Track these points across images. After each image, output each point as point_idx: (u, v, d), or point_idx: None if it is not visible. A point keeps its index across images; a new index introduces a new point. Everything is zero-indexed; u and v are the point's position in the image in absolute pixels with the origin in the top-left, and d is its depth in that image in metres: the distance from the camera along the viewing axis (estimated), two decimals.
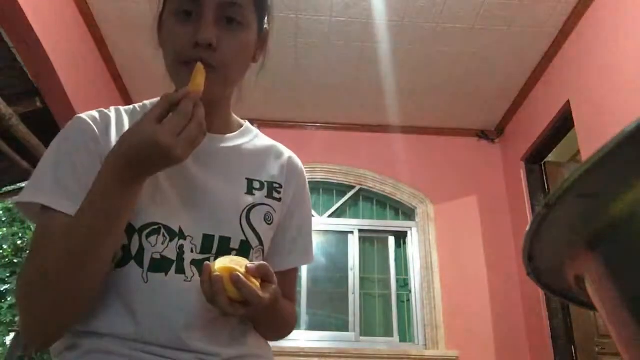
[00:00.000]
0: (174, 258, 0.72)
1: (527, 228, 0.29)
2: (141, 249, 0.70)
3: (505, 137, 4.22)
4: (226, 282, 0.63)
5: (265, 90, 3.76)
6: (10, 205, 10.16)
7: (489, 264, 3.85)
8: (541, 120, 3.56)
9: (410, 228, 4.05)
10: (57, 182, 0.68)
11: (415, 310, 3.74)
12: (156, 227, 0.72)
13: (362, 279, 3.89)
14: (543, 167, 3.80)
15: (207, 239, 0.75)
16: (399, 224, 4.11)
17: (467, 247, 3.91)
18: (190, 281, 0.72)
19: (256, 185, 0.84)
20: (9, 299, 9.52)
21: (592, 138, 2.95)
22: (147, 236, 0.71)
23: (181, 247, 0.73)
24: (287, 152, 0.92)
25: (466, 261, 3.86)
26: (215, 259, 0.74)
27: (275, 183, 0.86)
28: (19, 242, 10.12)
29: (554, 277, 0.33)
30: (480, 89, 3.80)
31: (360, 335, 3.68)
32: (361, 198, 4.18)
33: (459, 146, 4.28)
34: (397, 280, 3.92)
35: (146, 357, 0.67)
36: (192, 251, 0.74)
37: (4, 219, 10.39)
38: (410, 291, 3.85)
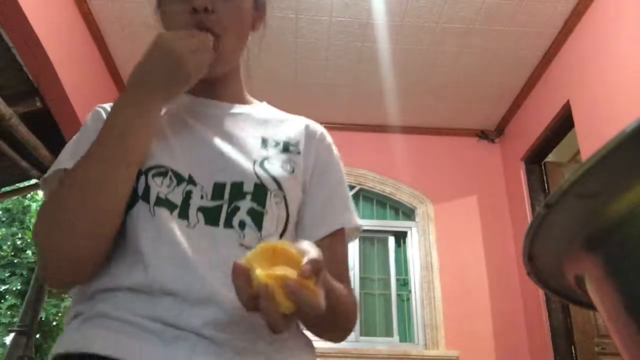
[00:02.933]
0: (178, 203, 0.68)
1: (527, 228, 0.29)
2: (147, 188, 0.67)
3: (505, 137, 4.22)
4: (277, 294, 0.50)
5: (265, 90, 3.76)
6: (10, 206, 10.16)
7: (489, 264, 3.85)
8: (541, 120, 3.56)
9: (410, 228, 4.05)
10: (77, 151, 0.69)
11: (415, 310, 3.74)
12: (163, 169, 0.69)
13: (362, 279, 3.89)
14: (543, 167, 3.80)
15: (218, 187, 0.70)
16: (398, 224, 4.11)
17: (467, 247, 3.91)
18: (193, 228, 0.67)
19: (272, 143, 0.79)
20: (8, 299, 9.51)
21: (592, 138, 2.95)
22: (153, 176, 0.68)
23: (189, 193, 0.69)
24: (306, 120, 0.87)
25: (466, 261, 3.86)
26: (229, 205, 0.69)
27: (293, 142, 0.80)
28: (18, 242, 10.12)
29: (554, 277, 0.33)
30: (480, 89, 3.80)
31: (360, 335, 3.68)
32: (361, 198, 4.18)
33: (459, 146, 4.28)
34: (397, 280, 3.92)
35: (149, 324, 0.60)
36: (201, 198, 0.69)
37: (3, 219, 10.39)
38: (410, 291, 3.85)
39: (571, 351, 3.26)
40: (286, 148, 0.79)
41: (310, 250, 0.54)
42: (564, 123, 3.33)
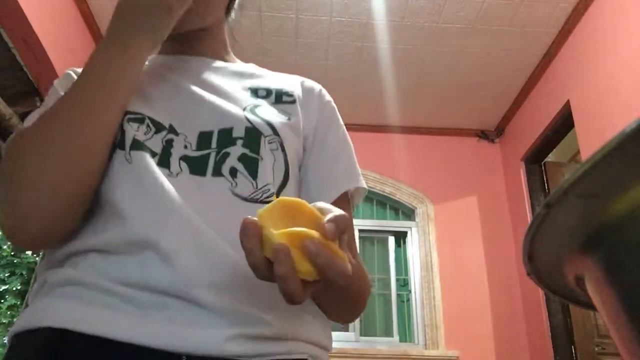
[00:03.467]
0: (158, 151, 0.59)
1: (527, 228, 0.29)
2: (122, 133, 0.59)
3: (505, 137, 4.22)
4: (295, 256, 0.41)
5: None
6: None
7: (489, 264, 3.85)
8: (541, 120, 3.56)
9: (410, 228, 4.05)
10: (45, 107, 0.61)
11: (415, 310, 3.74)
12: (139, 116, 0.61)
13: None
14: (543, 167, 3.80)
15: (204, 136, 0.61)
16: (398, 224, 4.11)
17: (467, 247, 3.91)
18: (175, 177, 0.57)
19: (262, 92, 0.70)
20: (8, 299, 9.51)
21: (592, 138, 2.95)
22: (128, 121, 0.60)
23: (169, 141, 0.60)
24: (301, 77, 0.78)
25: (466, 261, 3.86)
26: (218, 154, 0.60)
27: (286, 91, 0.72)
28: None
29: (554, 277, 0.33)
30: (480, 89, 3.80)
31: (360, 335, 3.68)
32: None
33: (459, 146, 4.28)
34: (397, 280, 3.92)
35: (126, 291, 0.50)
36: (185, 147, 0.60)
37: None
38: (410, 291, 3.85)
39: (571, 351, 3.26)
40: (279, 98, 0.70)
41: (331, 207, 0.46)
42: (564, 123, 3.33)
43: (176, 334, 0.48)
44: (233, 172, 0.59)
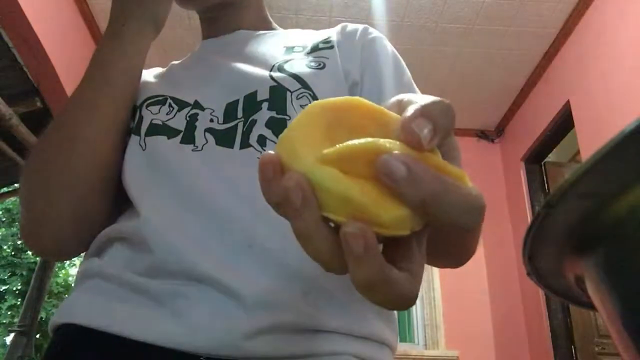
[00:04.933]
0: (182, 128, 0.55)
1: (527, 228, 0.29)
2: (140, 119, 0.57)
3: (505, 137, 4.22)
4: (366, 196, 0.22)
5: None
6: (10, 206, 10.16)
7: (489, 264, 3.85)
8: (541, 120, 3.56)
9: None
10: None
11: (415, 310, 3.74)
12: (161, 97, 0.59)
13: None
14: (543, 167, 3.80)
15: (231, 106, 0.56)
16: None
17: None
18: (201, 150, 0.53)
19: (297, 48, 0.64)
20: (8, 299, 9.51)
21: (592, 138, 2.95)
22: (148, 106, 0.58)
23: (194, 116, 0.56)
24: (347, 24, 0.70)
25: None
26: (245, 123, 0.54)
27: (323, 40, 0.65)
28: (18, 243, 10.12)
29: (554, 277, 0.33)
30: (480, 89, 3.80)
31: None
32: None
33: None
34: None
35: (141, 281, 0.46)
36: (211, 121, 0.56)
37: (3, 219, 10.40)
38: None
39: (571, 351, 3.26)
40: (315, 47, 0.63)
41: (416, 97, 0.28)
42: (564, 123, 3.33)
43: (193, 332, 0.42)
44: (262, 140, 0.52)
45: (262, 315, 0.41)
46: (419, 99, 0.26)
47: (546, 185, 3.75)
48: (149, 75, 0.69)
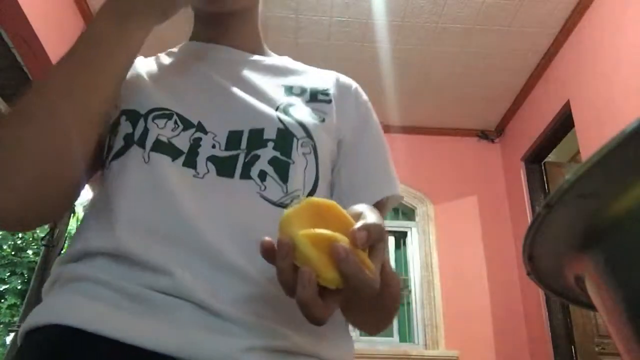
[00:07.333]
0: (185, 150, 0.56)
1: (527, 228, 0.29)
2: (145, 131, 0.56)
3: (505, 137, 4.22)
4: (319, 262, 0.38)
5: None
6: None
7: (489, 263, 3.85)
8: (541, 120, 3.56)
9: (410, 228, 4.05)
10: None
11: (415, 310, 3.74)
12: (167, 112, 0.59)
13: None
14: (543, 167, 3.80)
15: (234, 135, 0.58)
16: (398, 224, 4.10)
17: (467, 247, 3.91)
18: (201, 178, 0.55)
19: (297, 90, 0.67)
20: (8, 298, 9.51)
21: (592, 138, 2.95)
22: (154, 118, 0.58)
23: (197, 140, 0.57)
24: (336, 73, 0.76)
25: (466, 261, 3.86)
26: (247, 155, 0.57)
27: (321, 90, 0.68)
28: (18, 242, 10.12)
29: (554, 277, 0.33)
30: (480, 89, 3.80)
31: (360, 335, 3.68)
32: None
33: (459, 146, 4.28)
34: None
35: (136, 289, 0.48)
36: (213, 147, 0.57)
37: None
38: (410, 291, 3.85)
39: (571, 351, 3.26)
40: (314, 96, 0.67)
41: (367, 213, 0.43)
42: (564, 123, 3.33)
43: (186, 339, 0.45)
44: (262, 175, 0.56)
45: (254, 337, 0.48)
46: (369, 217, 0.42)
47: (546, 185, 3.75)
48: (140, 68, 0.66)
